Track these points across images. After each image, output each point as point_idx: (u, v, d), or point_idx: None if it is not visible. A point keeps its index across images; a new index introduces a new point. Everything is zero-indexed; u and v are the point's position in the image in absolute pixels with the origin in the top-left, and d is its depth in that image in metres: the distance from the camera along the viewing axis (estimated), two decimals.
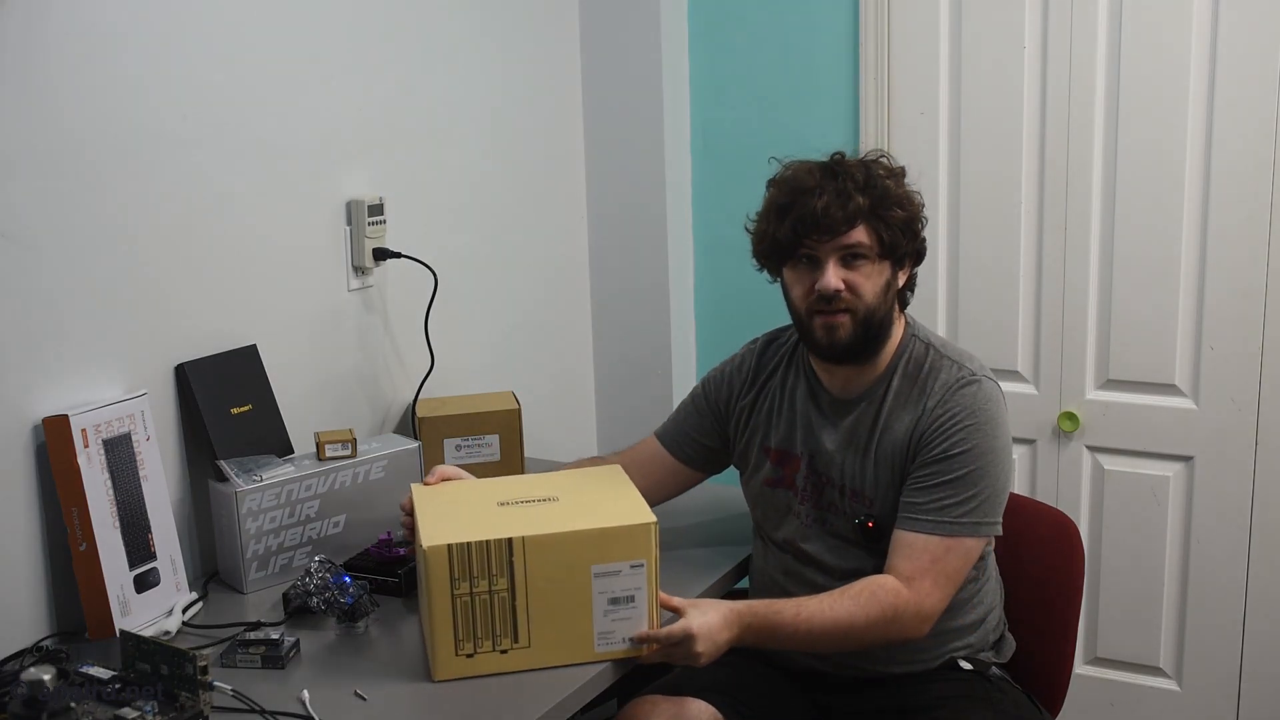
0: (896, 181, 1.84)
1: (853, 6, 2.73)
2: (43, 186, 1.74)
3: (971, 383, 1.83)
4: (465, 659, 1.65)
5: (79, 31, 1.78)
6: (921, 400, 1.83)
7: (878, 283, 1.81)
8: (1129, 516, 2.66)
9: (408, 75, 2.43)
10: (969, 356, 1.89)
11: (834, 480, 1.89)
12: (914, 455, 1.82)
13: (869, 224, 1.79)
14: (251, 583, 1.96)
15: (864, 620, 1.73)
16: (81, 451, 1.73)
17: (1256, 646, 2.58)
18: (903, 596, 1.75)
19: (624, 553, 1.67)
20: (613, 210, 2.96)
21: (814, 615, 1.73)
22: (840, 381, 1.91)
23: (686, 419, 2.08)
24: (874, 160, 1.86)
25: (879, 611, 1.74)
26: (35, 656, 1.65)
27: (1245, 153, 2.42)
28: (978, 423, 1.80)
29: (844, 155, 1.87)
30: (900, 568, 1.78)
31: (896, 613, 1.74)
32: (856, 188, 1.79)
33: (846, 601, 1.74)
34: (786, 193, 1.84)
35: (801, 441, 1.93)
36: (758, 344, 2.05)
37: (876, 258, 1.81)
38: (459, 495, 1.83)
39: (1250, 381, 2.50)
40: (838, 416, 1.90)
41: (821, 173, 1.83)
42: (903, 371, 1.87)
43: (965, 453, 1.79)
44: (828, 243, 1.79)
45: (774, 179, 1.89)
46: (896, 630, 1.76)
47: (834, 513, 1.90)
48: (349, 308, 2.33)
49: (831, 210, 1.78)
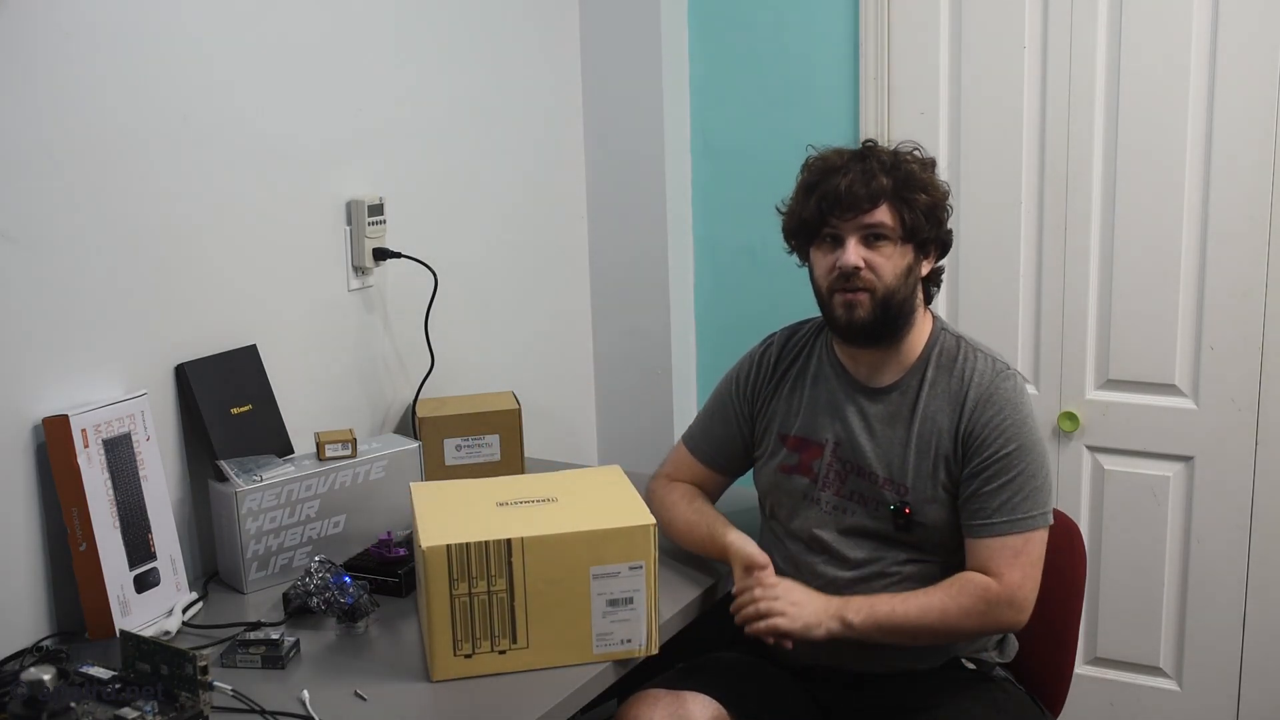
0: (923, 167, 1.89)
1: (853, 6, 2.72)
2: (43, 186, 1.75)
3: (1008, 376, 1.89)
4: (464, 659, 1.65)
5: (79, 31, 1.78)
6: (962, 390, 1.87)
7: (899, 264, 1.85)
8: (1129, 516, 2.66)
9: (408, 75, 2.43)
10: (995, 351, 1.93)
11: (864, 468, 1.90)
12: (964, 455, 1.85)
13: (892, 204, 1.84)
14: (251, 583, 1.96)
15: (957, 609, 1.81)
16: (81, 451, 1.73)
17: (1256, 646, 2.58)
18: (993, 589, 1.82)
19: (623, 554, 1.67)
20: (613, 210, 2.96)
21: (910, 598, 1.82)
22: (866, 369, 1.93)
23: (714, 428, 2.09)
24: (904, 148, 1.91)
25: (971, 602, 1.81)
26: (35, 656, 1.66)
27: (1245, 153, 2.42)
28: (1021, 417, 1.86)
29: (875, 142, 1.92)
30: (987, 569, 1.84)
31: (989, 604, 1.81)
32: (882, 169, 1.84)
33: (939, 593, 1.83)
34: (815, 172, 1.89)
35: (826, 429, 1.94)
36: (777, 336, 2.08)
37: (899, 240, 1.84)
38: (459, 495, 1.83)
39: (1250, 381, 2.50)
40: (869, 403, 1.92)
41: (850, 155, 1.89)
42: (936, 362, 1.90)
43: (1018, 449, 1.84)
44: (850, 220, 1.83)
45: (806, 162, 1.94)
46: (993, 620, 1.84)
47: (858, 500, 1.91)
48: (349, 308, 2.33)
49: (855, 188, 1.82)
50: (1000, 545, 1.83)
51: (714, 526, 1.95)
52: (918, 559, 1.88)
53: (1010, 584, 1.82)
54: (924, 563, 1.88)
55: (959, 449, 1.86)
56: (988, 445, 1.84)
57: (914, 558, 1.88)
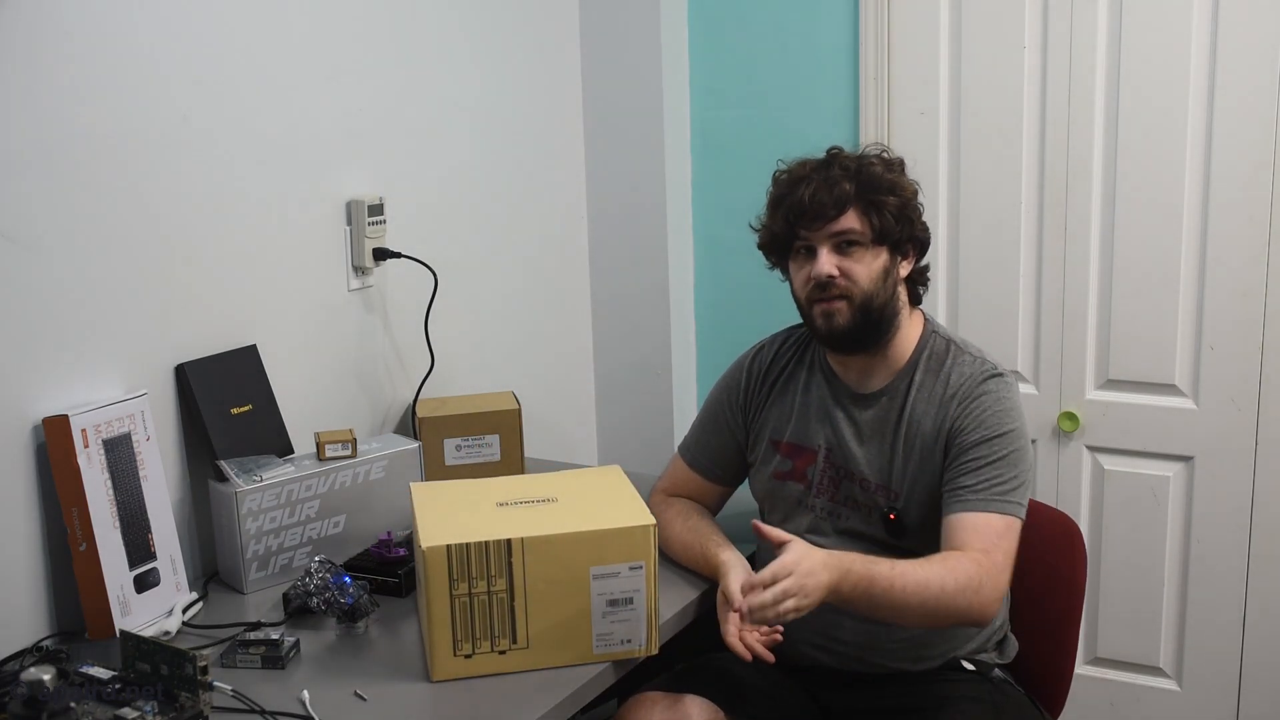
0: (888, 168, 1.88)
1: (853, 6, 2.72)
2: (43, 186, 1.74)
3: (995, 375, 1.87)
4: (463, 659, 1.65)
5: (79, 31, 1.78)
6: (947, 392, 1.86)
7: (873, 268, 1.84)
8: (1129, 516, 2.66)
9: (408, 75, 2.43)
10: (987, 353, 1.92)
11: (855, 473, 1.90)
12: (948, 445, 1.84)
13: (859, 209, 1.83)
14: (251, 583, 1.96)
15: (952, 584, 1.70)
16: (81, 451, 1.73)
17: (1256, 646, 2.58)
18: (983, 564, 1.73)
19: (623, 554, 1.67)
20: (613, 210, 2.96)
21: (906, 571, 1.70)
22: (856, 374, 1.93)
23: (709, 438, 2.08)
24: (870, 152, 1.90)
25: (965, 577, 1.71)
26: (35, 656, 1.66)
27: (1245, 153, 2.42)
28: (1004, 409, 1.84)
29: (841, 149, 1.91)
30: (971, 543, 1.76)
31: (979, 581, 1.72)
32: (845, 175, 1.84)
33: (934, 564, 1.72)
34: (781, 186, 1.90)
35: (818, 435, 1.94)
36: (767, 342, 2.08)
37: (870, 243, 1.84)
38: (459, 496, 1.83)
39: (1250, 381, 2.50)
40: (859, 409, 1.92)
41: (814, 165, 1.88)
42: (925, 366, 1.90)
43: (1004, 435, 1.82)
44: (819, 229, 1.84)
45: (774, 176, 1.94)
46: (978, 602, 1.72)
47: (851, 506, 1.91)
48: (349, 308, 2.33)
49: (820, 196, 1.82)
50: (984, 522, 1.77)
51: (707, 546, 1.91)
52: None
53: (995, 565, 1.74)
54: None
55: (942, 445, 1.85)
56: (971, 431, 1.82)
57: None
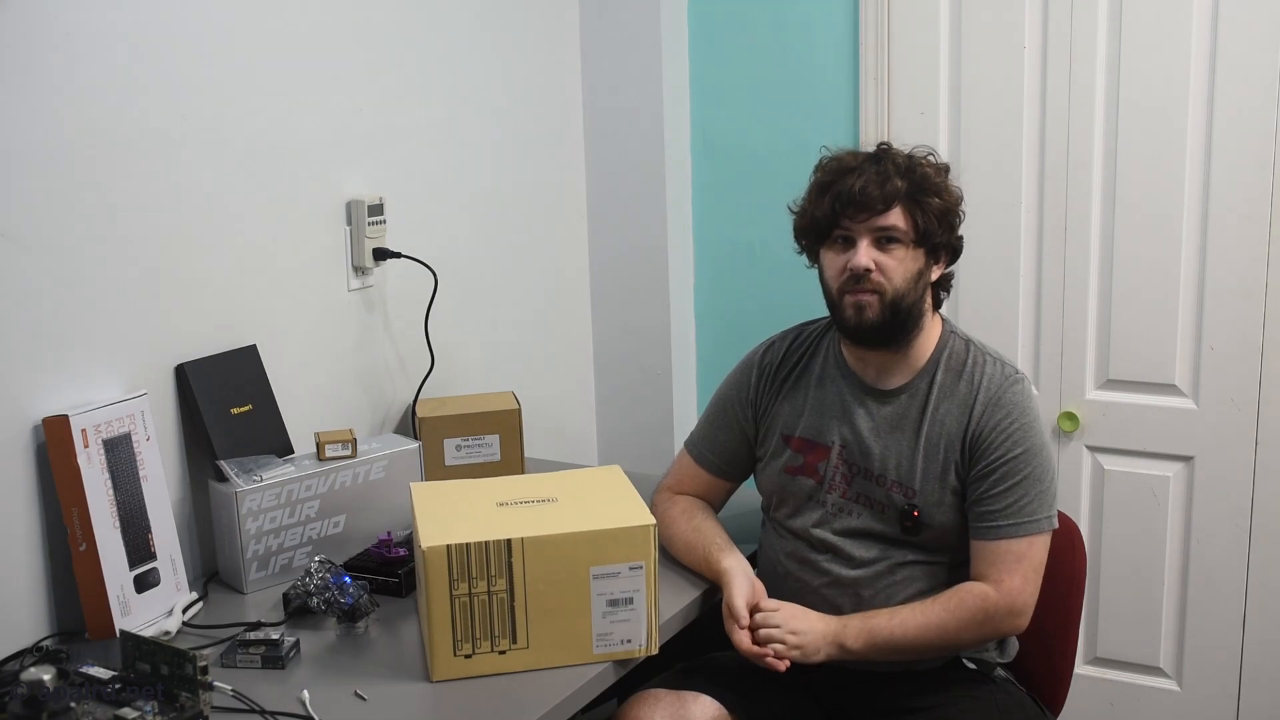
0: (937, 172, 1.89)
1: (853, 6, 2.73)
2: (42, 187, 1.74)
3: (1017, 381, 1.89)
4: (463, 659, 1.65)
5: (78, 32, 1.78)
6: (972, 395, 1.88)
7: (910, 268, 1.85)
8: (1129, 516, 2.66)
9: (408, 75, 2.43)
10: (1003, 355, 1.94)
11: (872, 470, 1.90)
12: (972, 458, 1.86)
13: (905, 208, 1.84)
14: (251, 583, 1.96)
15: (955, 624, 1.82)
16: (81, 452, 1.73)
17: (1256, 646, 2.58)
18: (990, 599, 1.83)
19: (623, 554, 1.67)
20: (613, 210, 2.96)
21: (908, 618, 1.83)
22: (875, 371, 1.93)
23: (718, 434, 2.07)
24: (918, 153, 1.91)
25: (969, 615, 1.82)
26: (35, 656, 1.66)
27: (1245, 153, 2.42)
28: (1028, 421, 1.87)
29: (890, 145, 1.92)
30: (987, 574, 1.85)
31: (987, 615, 1.83)
32: (897, 171, 1.85)
33: (937, 608, 1.83)
34: (829, 173, 1.89)
35: (833, 430, 1.94)
36: (777, 338, 2.07)
37: (911, 243, 1.84)
38: (459, 495, 1.83)
39: (1250, 381, 2.50)
40: (877, 406, 1.92)
41: (865, 157, 1.89)
42: (946, 366, 1.91)
43: (1025, 453, 1.85)
44: (863, 222, 1.84)
45: (819, 162, 1.93)
46: (992, 628, 1.85)
47: (865, 503, 1.91)
48: (349, 308, 2.33)
49: (870, 189, 1.82)
50: (1004, 549, 1.83)
51: (710, 550, 1.93)
52: (924, 560, 1.88)
53: (1010, 590, 1.82)
54: (931, 563, 1.89)
55: (966, 452, 1.86)
56: (995, 448, 1.84)
57: (920, 558, 1.88)
